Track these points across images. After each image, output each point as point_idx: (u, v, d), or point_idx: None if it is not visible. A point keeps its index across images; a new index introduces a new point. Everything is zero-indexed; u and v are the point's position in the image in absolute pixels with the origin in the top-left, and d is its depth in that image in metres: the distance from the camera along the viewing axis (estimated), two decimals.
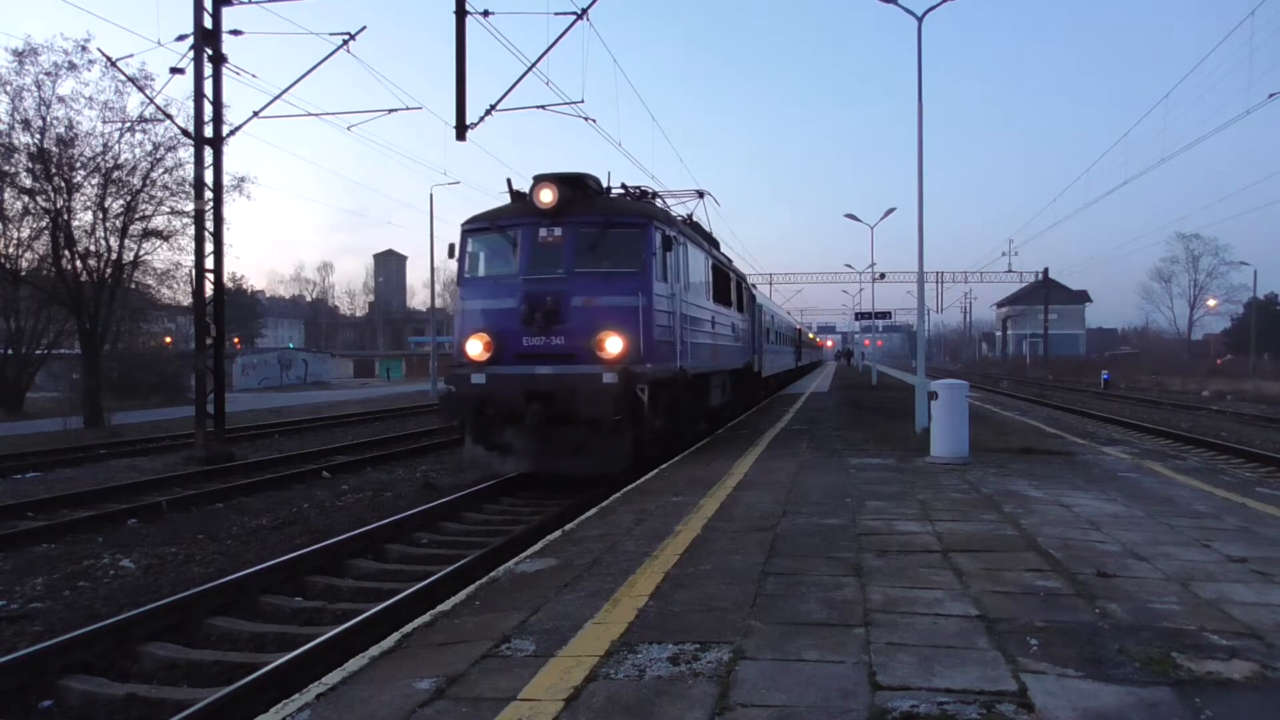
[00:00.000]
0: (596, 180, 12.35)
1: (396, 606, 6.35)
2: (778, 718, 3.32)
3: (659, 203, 14.54)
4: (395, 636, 4.59)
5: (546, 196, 11.10)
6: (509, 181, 12.21)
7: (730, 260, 19.89)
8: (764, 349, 24.99)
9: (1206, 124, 51.09)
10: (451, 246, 12.03)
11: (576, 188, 11.62)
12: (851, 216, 38.47)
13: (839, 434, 15.28)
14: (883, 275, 56.17)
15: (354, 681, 3.94)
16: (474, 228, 11.88)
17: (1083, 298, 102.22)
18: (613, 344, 10.60)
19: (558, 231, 11.20)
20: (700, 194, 17.23)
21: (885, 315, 49.44)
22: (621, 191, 13.49)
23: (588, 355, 10.66)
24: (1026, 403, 34.41)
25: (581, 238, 11.22)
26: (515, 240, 11.43)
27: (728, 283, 18.03)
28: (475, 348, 11.04)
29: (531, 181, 11.40)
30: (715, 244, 17.91)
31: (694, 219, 16.29)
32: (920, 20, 15.23)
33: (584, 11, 14.62)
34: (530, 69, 15.22)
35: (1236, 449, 17.51)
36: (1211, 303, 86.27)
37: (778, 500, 8.25)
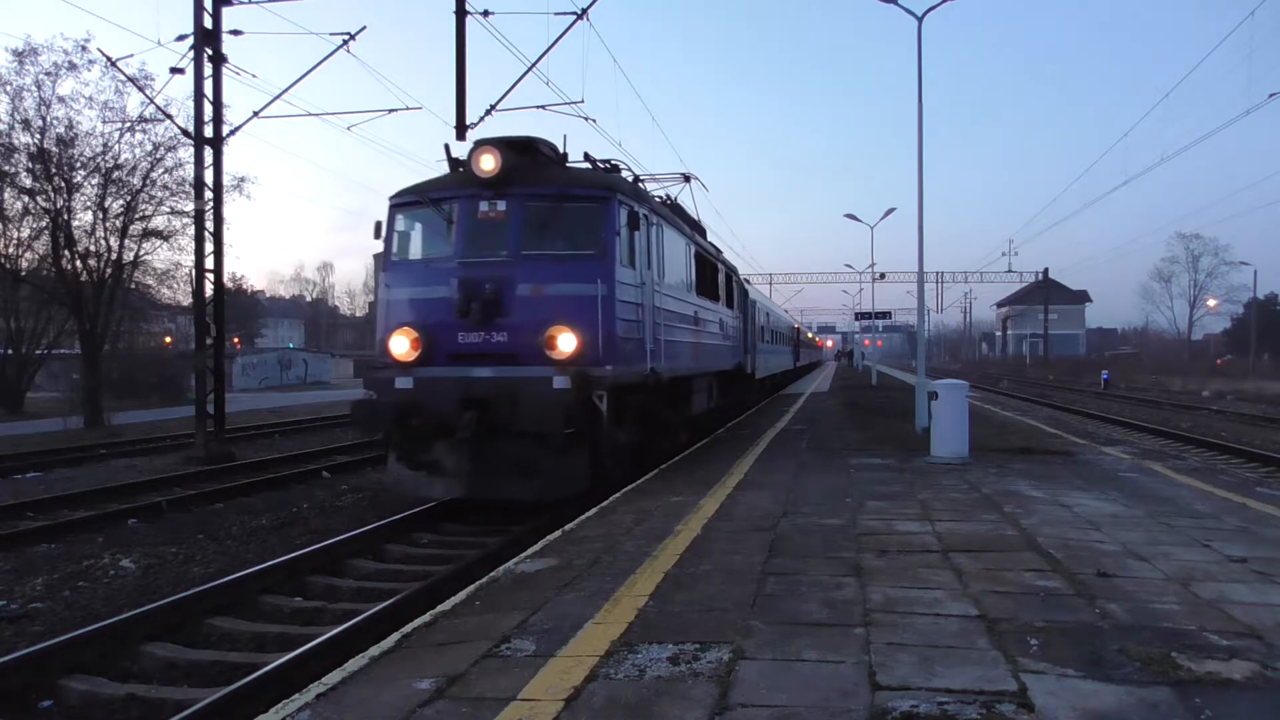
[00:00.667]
0: (552, 146, 10.44)
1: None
2: (778, 718, 3.32)
3: (645, 187, 12.91)
4: (395, 636, 4.59)
5: (488, 163, 9.22)
6: (446, 148, 10.33)
7: (720, 251, 18.31)
8: (758, 349, 23.42)
9: (1206, 124, 51.18)
10: (378, 225, 10.18)
11: (525, 154, 9.81)
12: (851, 216, 38.55)
13: (839, 434, 15.28)
14: (883, 275, 56.16)
15: (354, 681, 3.94)
16: (403, 202, 10.02)
17: (1083, 298, 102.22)
18: (565, 341, 8.81)
19: (501, 206, 9.39)
20: (686, 178, 15.64)
21: (885, 315, 49.49)
22: (588, 167, 11.37)
23: (535, 355, 8.86)
24: (1026, 403, 34.41)
25: (530, 213, 9.40)
26: (451, 216, 9.56)
27: (715, 275, 16.27)
28: (400, 345, 9.23)
29: (472, 146, 9.60)
30: (702, 231, 16.41)
31: (676, 202, 14.64)
32: (920, 20, 15.23)
33: (584, 11, 14.62)
34: (530, 69, 15.22)
35: (1236, 449, 17.51)
36: (1211, 303, 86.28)
37: (778, 500, 8.25)
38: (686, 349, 12.81)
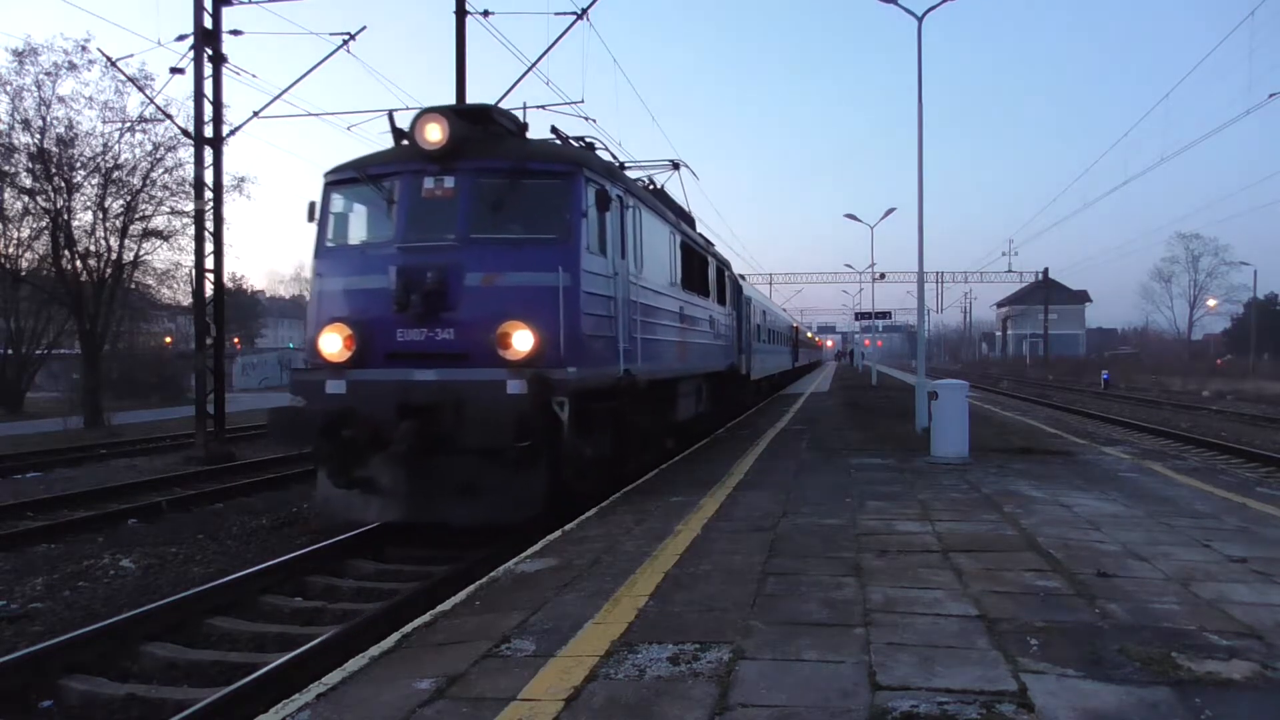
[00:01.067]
0: (511, 116, 9.40)
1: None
2: (778, 718, 3.32)
3: (631, 175, 11.99)
4: (395, 636, 4.59)
5: (434, 134, 8.07)
6: (390, 116, 9.07)
7: (711, 244, 17.17)
8: (753, 348, 22.34)
9: (1206, 124, 51.19)
10: (311, 206, 9.02)
11: (478, 123, 8.66)
12: (851, 216, 38.54)
13: (839, 434, 15.28)
14: (883, 275, 56.18)
15: (354, 681, 3.94)
16: (339, 179, 8.82)
17: (1083, 298, 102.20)
18: (521, 339, 7.67)
19: (449, 182, 8.20)
20: (675, 165, 14.70)
21: (885, 315, 49.44)
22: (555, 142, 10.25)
23: (486, 355, 7.71)
24: (1026, 403, 34.41)
25: (481, 190, 8.22)
26: (392, 195, 8.40)
27: (704, 268, 15.14)
28: (332, 344, 8.04)
29: (416, 114, 8.36)
30: (690, 221, 15.32)
31: (662, 189, 13.75)
32: (920, 20, 15.24)
33: (584, 11, 14.64)
34: (530, 69, 15.23)
35: (1236, 449, 17.51)
36: (1211, 303, 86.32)
37: (778, 500, 8.25)
38: (670, 348, 11.71)
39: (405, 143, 8.53)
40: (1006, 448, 12.69)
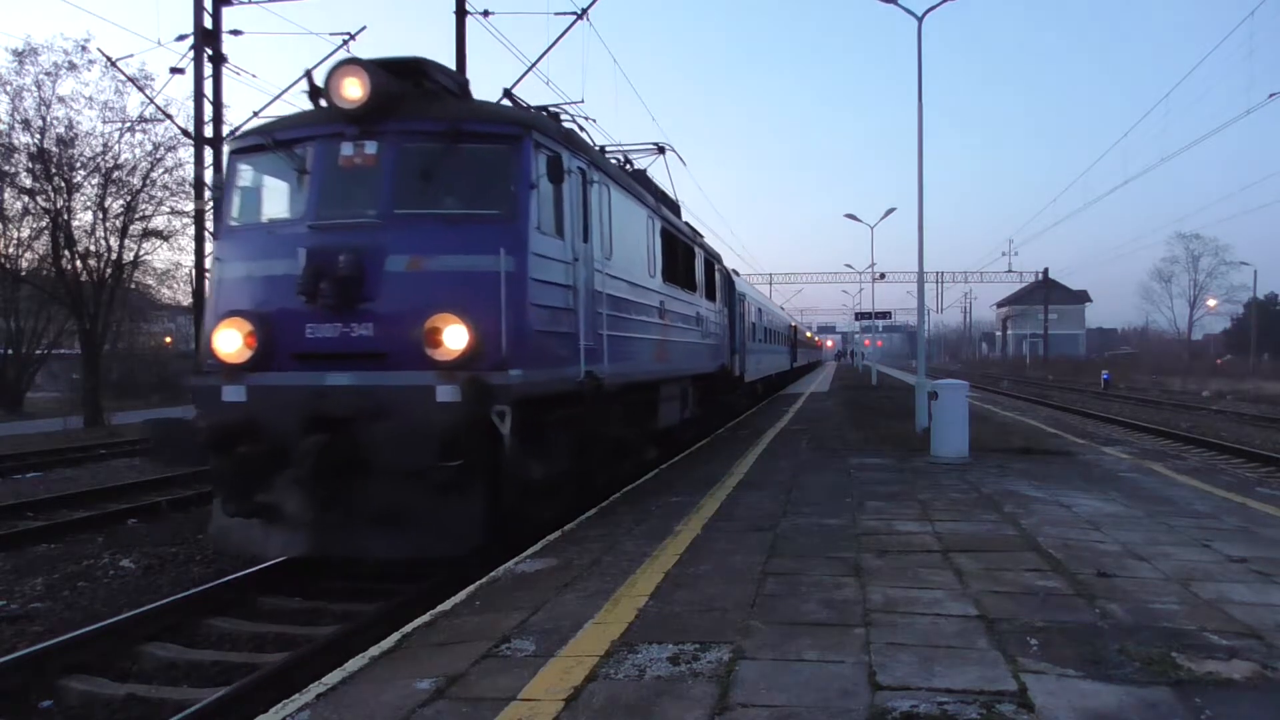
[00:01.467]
0: (450, 73, 8.07)
1: None
2: (778, 718, 3.32)
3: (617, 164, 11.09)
4: (395, 636, 4.60)
5: (352, 90, 6.80)
6: (309, 75, 7.63)
7: (700, 234, 16.07)
8: (747, 348, 21.13)
9: (1206, 124, 51.21)
10: (215, 180, 7.85)
11: (409, 79, 7.31)
12: (851, 216, 38.48)
13: (839, 434, 15.28)
14: (883, 275, 56.22)
15: (354, 681, 3.94)
16: (245, 146, 7.63)
17: (1083, 298, 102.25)
18: (453, 335, 6.46)
19: (370, 148, 6.97)
20: (660, 149, 13.72)
21: (885, 315, 49.45)
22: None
23: (412, 355, 6.50)
24: (1026, 403, 34.41)
25: (408, 158, 7.00)
26: (304, 164, 7.17)
27: (691, 260, 13.98)
28: (229, 341, 6.76)
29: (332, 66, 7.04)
30: (675, 208, 14.14)
31: (643, 172, 12.79)
32: (920, 20, 15.23)
33: (584, 11, 14.64)
34: (530, 69, 15.23)
35: (1236, 449, 17.51)
36: (1211, 303, 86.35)
37: (778, 500, 8.25)
38: (646, 348, 10.49)
39: (322, 105, 7.18)
40: (1006, 448, 12.69)
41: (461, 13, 15.27)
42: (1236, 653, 3.96)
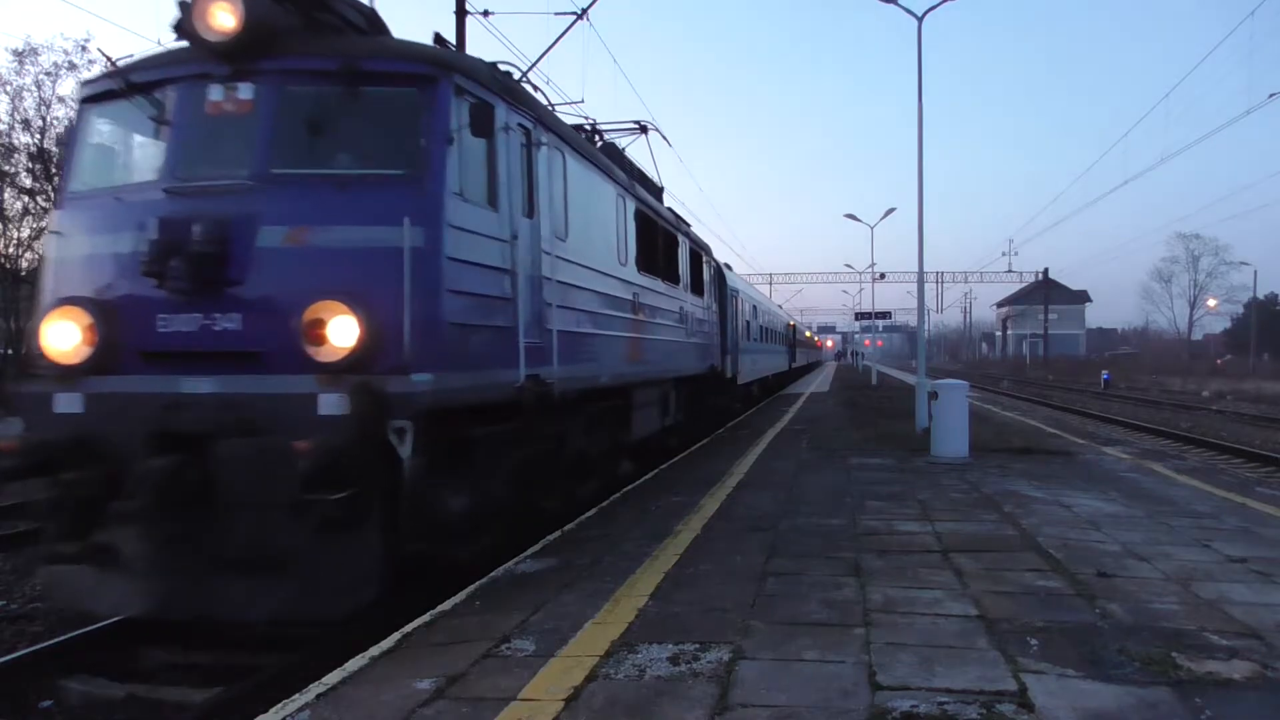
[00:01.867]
0: (356, 5, 6.42)
1: None
2: (778, 718, 3.32)
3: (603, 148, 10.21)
4: (395, 636, 4.60)
5: (223, 19, 5.41)
6: (180, 3, 5.69)
7: (686, 223, 14.70)
8: (740, 347, 19.80)
9: (1206, 124, 51.18)
10: (60, 138, 5.71)
11: (301, 9, 5.81)
12: (851, 216, 38.47)
13: (839, 434, 15.28)
14: (883, 275, 56.17)
15: (354, 681, 3.94)
16: (96, 92, 6.12)
17: (1083, 298, 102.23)
18: (340, 329, 5.11)
19: (244, 92, 5.57)
20: (643, 128, 12.84)
21: (885, 315, 49.45)
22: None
23: (288, 353, 5.15)
24: (1026, 403, 34.41)
25: (291, 105, 5.60)
26: (165, 113, 5.77)
27: (673, 249, 12.59)
28: (63, 336, 5.40)
29: None
30: (656, 191, 12.81)
31: (613, 145, 11.62)
32: (920, 20, 15.24)
33: (584, 11, 14.61)
34: (531, 68, 15.18)
35: (1236, 449, 17.50)
36: (1211, 303, 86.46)
37: (778, 500, 8.25)
38: (614, 346, 9.09)
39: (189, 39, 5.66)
40: (1006, 448, 12.69)
41: (461, 12, 15.26)
42: (1237, 653, 3.96)
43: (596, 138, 11.23)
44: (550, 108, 8.79)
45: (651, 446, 11.54)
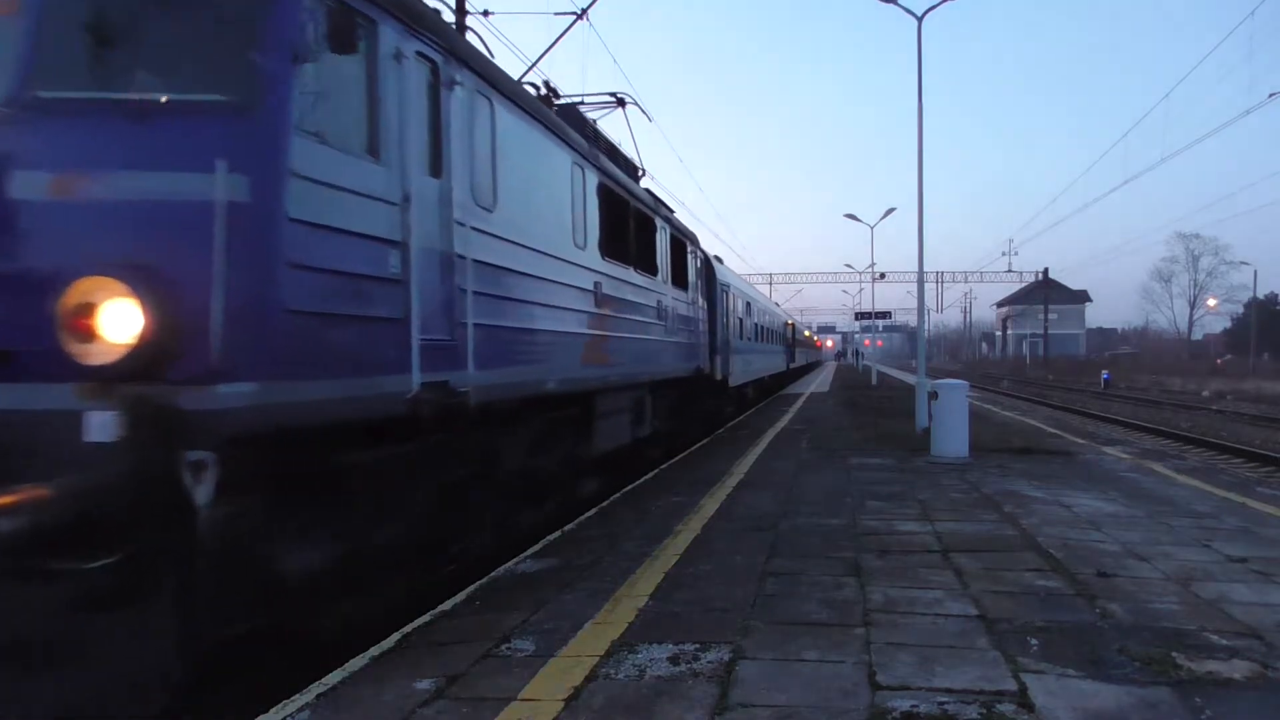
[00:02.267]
0: None
1: None
2: (778, 718, 3.32)
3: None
4: (395, 636, 4.59)
5: None
6: None
7: (670, 209, 13.38)
8: (732, 347, 18.27)
9: (1206, 124, 51.22)
10: None
11: None
12: (851, 216, 38.45)
13: (839, 434, 15.28)
14: (883, 275, 56.24)
15: (354, 681, 3.94)
16: None
17: (1083, 298, 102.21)
18: (115, 319, 3.61)
19: None
20: (620, 100, 12.00)
21: (885, 315, 49.50)
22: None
23: (45, 350, 3.63)
24: (1026, 402, 34.41)
25: (67, 3, 4.11)
26: None
27: (650, 235, 11.20)
28: None
29: None
30: (631, 169, 11.52)
31: (573, 107, 10.53)
32: (920, 20, 15.24)
33: (584, 11, 14.61)
34: (530, 68, 15.19)
35: (1236, 449, 17.49)
36: (1211, 303, 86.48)
37: (778, 500, 8.25)
38: (566, 345, 7.61)
39: None
40: (1006, 447, 12.69)
41: (461, 12, 15.26)
42: (1237, 652, 3.96)
43: (549, 93, 9.73)
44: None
45: (623, 460, 10.24)
